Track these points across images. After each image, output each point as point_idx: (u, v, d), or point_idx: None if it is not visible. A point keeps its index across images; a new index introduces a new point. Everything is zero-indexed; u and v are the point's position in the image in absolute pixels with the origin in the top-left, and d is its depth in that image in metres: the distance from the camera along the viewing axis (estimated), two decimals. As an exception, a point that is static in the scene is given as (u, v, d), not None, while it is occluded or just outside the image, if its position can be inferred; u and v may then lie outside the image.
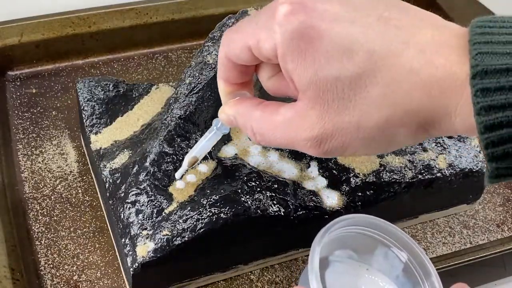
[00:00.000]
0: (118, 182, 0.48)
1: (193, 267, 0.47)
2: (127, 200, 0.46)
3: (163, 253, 0.44)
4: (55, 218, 0.53)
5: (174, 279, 0.47)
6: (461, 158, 0.53)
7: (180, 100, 0.50)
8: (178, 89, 0.51)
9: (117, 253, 0.50)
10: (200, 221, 0.45)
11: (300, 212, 0.48)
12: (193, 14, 0.72)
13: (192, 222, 0.44)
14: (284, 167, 0.50)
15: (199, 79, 0.50)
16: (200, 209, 0.45)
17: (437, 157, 0.52)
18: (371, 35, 0.30)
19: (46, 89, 0.65)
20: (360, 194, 0.49)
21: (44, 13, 0.67)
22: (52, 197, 0.54)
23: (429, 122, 0.30)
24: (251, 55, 0.34)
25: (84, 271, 0.49)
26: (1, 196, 0.52)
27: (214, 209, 0.45)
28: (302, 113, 0.33)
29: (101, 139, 0.52)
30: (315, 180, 0.50)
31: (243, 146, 0.50)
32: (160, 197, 0.46)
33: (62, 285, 0.48)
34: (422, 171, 0.51)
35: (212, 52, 0.50)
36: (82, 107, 0.54)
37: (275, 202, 0.47)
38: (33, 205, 0.54)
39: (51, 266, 0.49)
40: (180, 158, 0.48)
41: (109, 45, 0.70)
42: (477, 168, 0.53)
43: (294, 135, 0.33)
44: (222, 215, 0.45)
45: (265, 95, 0.40)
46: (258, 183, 0.47)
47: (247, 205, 0.46)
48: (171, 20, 0.71)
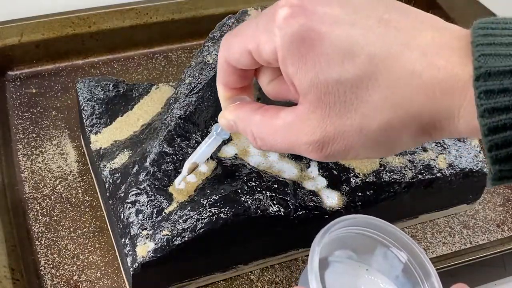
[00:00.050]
0: (118, 182, 0.48)
1: (193, 267, 0.47)
2: (127, 200, 0.46)
3: (163, 253, 0.44)
4: (55, 218, 0.53)
5: (174, 279, 0.47)
6: (461, 158, 0.53)
7: (180, 100, 0.50)
8: (178, 89, 0.50)
9: (117, 253, 0.50)
10: (200, 221, 0.45)
11: (300, 212, 0.48)
12: (193, 14, 0.72)
13: (192, 222, 0.44)
14: (284, 167, 0.50)
15: (199, 79, 0.50)
16: (200, 209, 0.45)
17: (437, 157, 0.52)
18: (371, 37, 0.30)
19: (46, 89, 0.65)
20: (360, 194, 0.49)
21: (44, 13, 0.67)
22: (52, 197, 0.54)
23: (431, 125, 0.30)
24: (251, 59, 0.34)
25: (84, 271, 0.49)
26: (1, 196, 0.52)
27: (214, 209, 0.45)
28: (303, 117, 0.32)
29: (101, 139, 0.52)
30: (315, 180, 0.50)
31: (243, 146, 0.50)
32: (160, 197, 0.46)
33: (62, 285, 0.48)
34: (422, 171, 0.51)
35: (212, 52, 0.50)
36: (82, 107, 0.54)
37: (275, 202, 0.47)
38: (33, 205, 0.54)
39: (51, 266, 0.49)
40: (180, 158, 0.48)
41: (109, 45, 0.70)
42: (477, 168, 0.53)
43: (295, 139, 0.33)
44: (222, 215, 0.45)
45: (265, 98, 0.39)
46: (258, 183, 0.47)
47: (247, 205, 0.46)
48: (171, 20, 0.71)
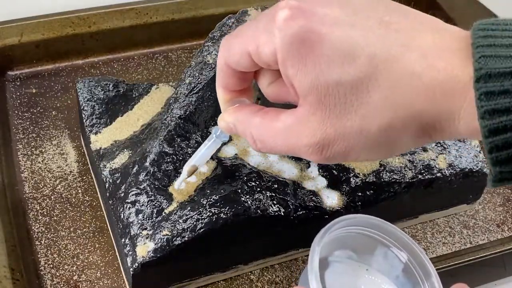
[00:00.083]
0: (118, 182, 0.48)
1: (193, 267, 0.47)
2: (127, 200, 0.46)
3: (163, 253, 0.44)
4: (55, 218, 0.53)
5: (174, 279, 0.47)
6: (461, 158, 0.53)
7: (180, 100, 0.50)
8: (178, 89, 0.50)
9: (117, 253, 0.50)
10: (200, 221, 0.45)
11: (300, 212, 0.48)
12: (193, 14, 0.72)
13: (192, 222, 0.44)
14: (284, 167, 0.50)
15: (199, 79, 0.50)
16: (200, 209, 0.45)
17: (437, 157, 0.52)
18: (371, 38, 0.30)
19: (46, 89, 0.65)
20: (360, 194, 0.49)
21: (44, 13, 0.67)
22: (52, 197, 0.54)
23: (431, 126, 0.30)
24: (250, 61, 0.34)
25: (84, 271, 0.49)
26: (1, 196, 0.52)
27: (214, 209, 0.45)
28: (303, 119, 0.32)
29: (101, 139, 0.52)
30: (315, 180, 0.50)
31: (243, 146, 0.50)
32: (160, 197, 0.46)
33: (62, 285, 0.48)
34: (422, 171, 0.51)
35: (212, 52, 0.50)
36: (82, 107, 0.54)
37: (275, 202, 0.47)
38: (33, 205, 0.54)
39: (51, 266, 0.49)
40: (180, 158, 0.48)
41: (109, 45, 0.70)
42: (477, 168, 0.53)
43: (295, 141, 0.33)
44: (222, 215, 0.45)
45: (265, 98, 0.39)
46: (258, 183, 0.47)
47: (247, 205, 0.46)
48: (171, 20, 0.71)
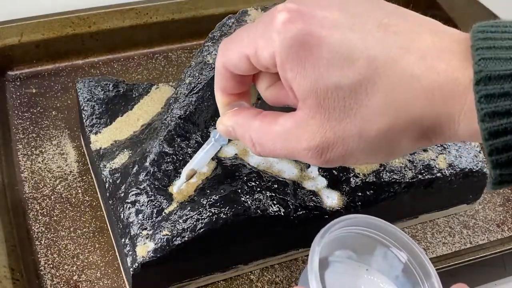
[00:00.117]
0: (118, 182, 0.48)
1: (193, 267, 0.47)
2: (127, 200, 0.46)
3: (163, 253, 0.44)
4: (55, 218, 0.53)
5: (174, 279, 0.47)
6: (461, 158, 0.53)
7: (180, 100, 0.50)
8: (178, 89, 0.50)
9: (117, 253, 0.50)
10: (200, 221, 0.45)
11: (300, 212, 0.48)
12: (193, 14, 0.72)
13: (192, 222, 0.44)
14: (284, 167, 0.50)
15: (199, 79, 0.50)
16: (200, 209, 0.45)
17: (437, 157, 0.52)
18: (370, 41, 0.30)
19: (46, 89, 0.65)
20: (360, 194, 0.49)
21: (44, 13, 0.67)
22: (52, 197, 0.54)
23: (431, 129, 0.30)
24: (249, 64, 0.34)
25: (84, 271, 0.49)
26: (1, 196, 0.52)
27: (214, 209, 0.45)
28: (302, 122, 0.32)
29: (101, 139, 0.52)
30: (315, 180, 0.50)
31: (243, 146, 0.50)
32: (160, 197, 0.46)
33: (62, 285, 0.48)
34: (422, 171, 0.51)
35: (212, 52, 0.50)
36: (82, 107, 0.54)
37: (275, 202, 0.47)
38: (33, 205, 0.54)
39: (51, 266, 0.49)
40: (180, 158, 0.48)
41: (109, 45, 0.70)
42: (477, 168, 0.53)
43: (295, 145, 0.33)
44: (222, 215, 0.45)
45: (264, 103, 0.39)
46: (258, 183, 0.47)
47: (247, 205, 0.46)
48: (171, 20, 0.71)
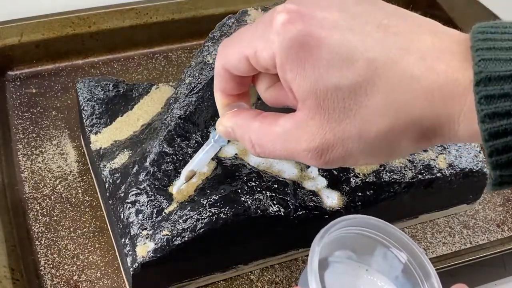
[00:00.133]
0: (118, 182, 0.48)
1: (193, 267, 0.47)
2: (127, 200, 0.46)
3: (163, 253, 0.44)
4: (55, 218, 0.53)
5: (174, 279, 0.47)
6: (461, 158, 0.53)
7: (180, 100, 0.50)
8: (178, 89, 0.50)
9: (117, 253, 0.50)
10: (200, 221, 0.45)
11: (300, 212, 0.48)
12: (193, 14, 0.72)
13: (192, 222, 0.44)
14: (284, 167, 0.50)
15: (199, 79, 0.50)
16: (200, 209, 0.45)
17: (437, 157, 0.52)
18: (370, 42, 0.30)
19: (46, 89, 0.65)
20: (360, 194, 0.49)
21: (44, 13, 0.67)
22: (52, 197, 0.54)
23: (431, 130, 0.30)
24: (248, 65, 0.34)
25: (84, 271, 0.49)
26: (1, 196, 0.52)
27: (214, 209, 0.45)
28: (302, 123, 0.32)
29: (101, 139, 0.52)
30: (315, 180, 0.50)
31: (243, 146, 0.50)
32: (160, 197, 0.46)
33: (62, 285, 0.48)
34: (422, 171, 0.51)
35: (212, 52, 0.50)
36: (82, 107, 0.54)
37: (275, 202, 0.47)
38: (33, 205, 0.54)
39: (51, 266, 0.49)
40: (180, 158, 0.48)
41: (109, 45, 0.70)
42: (477, 168, 0.53)
43: (294, 146, 0.33)
44: (222, 215, 0.45)
45: (264, 105, 0.39)
46: (258, 183, 0.47)
47: (247, 205, 0.46)
48: (171, 20, 0.71)
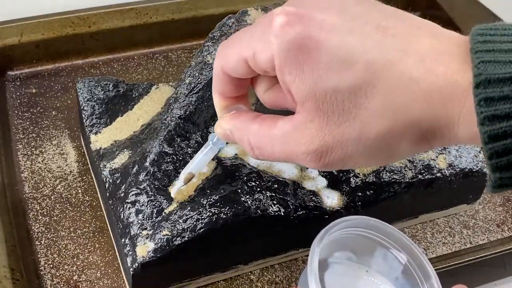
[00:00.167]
0: (118, 182, 0.48)
1: (193, 267, 0.47)
2: (127, 200, 0.46)
3: (163, 253, 0.44)
4: (55, 218, 0.53)
5: (174, 279, 0.47)
6: (461, 158, 0.53)
7: (180, 100, 0.50)
8: (178, 89, 0.50)
9: (117, 253, 0.50)
10: (200, 221, 0.45)
11: (300, 212, 0.48)
12: (193, 14, 0.72)
13: (192, 222, 0.44)
14: (284, 167, 0.50)
15: (199, 79, 0.50)
16: (200, 209, 0.45)
17: (437, 157, 0.52)
18: (369, 44, 0.30)
19: (46, 89, 0.65)
20: (360, 194, 0.49)
21: (44, 13, 0.67)
22: (52, 197, 0.54)
23: (431, 132, 0.30)
24: (247, 67, 0.34)
25: (84, 271, 0.49)
26: (1, 196, 0.52)
27: (214, 209, 0.45)
28: (301, 126, 0.32)
29: (101, 139, 0.52)
30: (315, 180, 0.50)
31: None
32: (160, 197, 0.46)
33: (62, 285, 0.48)
34: (422, 171, 0.51)
35: (212, 52, 0.50)
36: (82, 107, 0.54)
37: (275, 202, 0.47)
38: (33, 205, 0.54)
39: (51, 266, 0.49)
40: (180, 158, 0.48)
41: (109, 45, 0.70)
42: (477, 168, 0.53)
43: (293, 148, 0.33)
44: (222, 215, 0.45)
45: (262, 106, 0.39)
46: (258, 183, 0.47)
47: (247, 205, 0.46)
48: (171, 20, 0.71)
